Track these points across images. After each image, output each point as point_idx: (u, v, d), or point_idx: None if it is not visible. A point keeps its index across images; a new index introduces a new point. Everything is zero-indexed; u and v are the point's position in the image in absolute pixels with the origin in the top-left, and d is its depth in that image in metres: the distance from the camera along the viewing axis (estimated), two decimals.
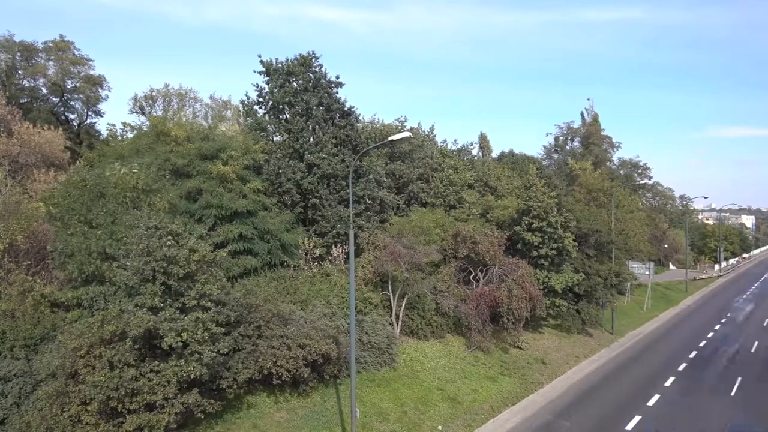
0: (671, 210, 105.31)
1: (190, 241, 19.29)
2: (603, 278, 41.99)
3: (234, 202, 28.21)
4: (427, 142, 50.01)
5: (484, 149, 67.93)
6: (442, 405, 25.58)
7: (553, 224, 37.17)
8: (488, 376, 29.86)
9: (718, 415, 26.55)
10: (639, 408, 27.22)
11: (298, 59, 36.17)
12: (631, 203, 68.80)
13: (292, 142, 34.84)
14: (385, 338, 27.47)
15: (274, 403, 22.46)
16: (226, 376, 20.13)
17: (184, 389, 18.12)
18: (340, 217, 34.11)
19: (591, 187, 61.57)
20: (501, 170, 52.99)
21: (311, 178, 34.04)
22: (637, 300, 56.93)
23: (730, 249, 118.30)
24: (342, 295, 28.91)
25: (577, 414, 26.59)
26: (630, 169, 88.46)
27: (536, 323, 39.19)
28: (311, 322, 23.94)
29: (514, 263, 34.97)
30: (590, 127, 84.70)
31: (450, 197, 45.36)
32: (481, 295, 32.89)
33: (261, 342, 21.69)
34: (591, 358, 36.63)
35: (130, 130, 37.90)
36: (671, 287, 71.23)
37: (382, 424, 22.90)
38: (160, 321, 17.48)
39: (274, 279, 28.98)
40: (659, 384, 31.28)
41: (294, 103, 35.48)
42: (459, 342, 32.88)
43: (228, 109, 47.52)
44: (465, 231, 35.19)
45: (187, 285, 18.70)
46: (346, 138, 36.52)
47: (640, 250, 62.50)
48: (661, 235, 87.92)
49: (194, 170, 29.14)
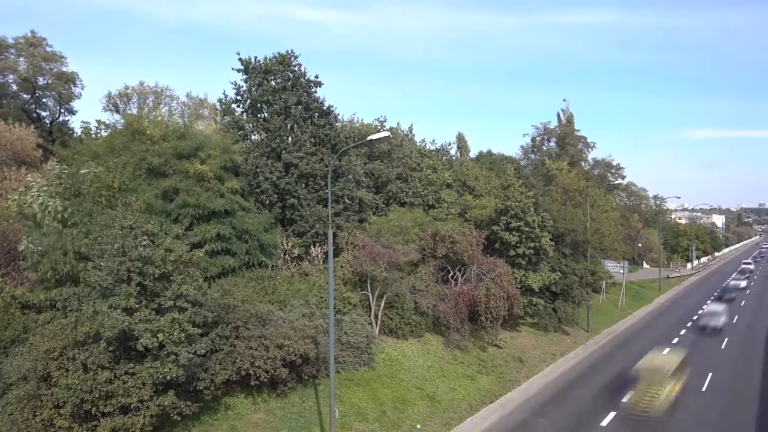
0: (645, 210, 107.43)
1: (167, 241, 19.05)
2: (579, 277, 42.66)
3: (211, 202, 27.91)
4: (406, 142, 50.11)
5: (462, 149, 68.30)
6: (421, 404, 25.69)
7: (530, 224, 37.62)
8: (466, 375, 30.08)
9: (694, 410, 27.15)
10: (614, 405, 27.68)
11: (276, 58, 35.93)
12: (606, 203, 69.95)
13: (270, 141, 34.60)
14: (364, 338, 27.48)
15: (251, 404, 22.29)
16: (203, 378, 19.92)
17: (160, 391, 17.87)
18: (318, 216, 34.00)
19: (567, 187, 62.37)
20: (479, 170, 53.35)
21: (289, 177, 33.85)
22: (612, 298, 57.93)
23: (702, 248, 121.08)
24: (321, 294, 28.83)
25: (554, 411, 26.95)
26: (604, 169, 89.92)
27: (514, 322, 39.60)
28: (290, 322, 23.83)
29: (492, 262, 35.27)
30: (566, 128, 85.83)
31: (428, 197, 45.54)
32: (460, 294, 33.11)
33: (239, 343, 21.52)
34: (567, 356, 37.16)
35: (104, 129, 37.22)
36: (645, 285, 72.64)
37: (361, 424, 22.91)
38: (135, 322, 17.22)
39: (252, 279, 28.76)
40: (633, 381, 31.80)
41: (272, 101, 35.23)
42: (438, 341, 33.05)
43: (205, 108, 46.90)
44: (443, 230, 35.38)
45: (163, 285, 18.45)
46: (324, 137, 36.40)
47: (615, 249, 63.54)
48: (635, 235, 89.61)
49: (171, 169, 28.74)
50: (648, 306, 60.48)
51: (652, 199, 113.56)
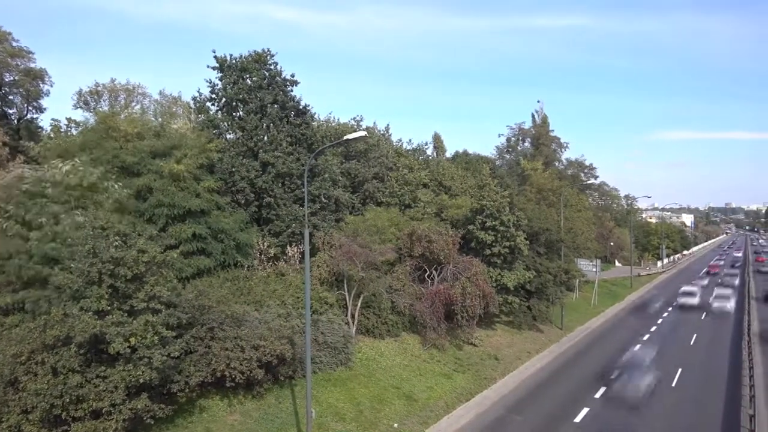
0: (617, 209, 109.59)
1: (139, 242, 18.71)
2: (553, 275, 43.27)
3: (187, 201, 27.53)
4: (383, 142, 50.18)
5: (438, 149, 68.71)
6: (398, 403, 25.77)
7: (505, 223, 38.01)
8: (443, 373, 30.27)
9: (663, 405, 27.81)
10: (587, 401, 28.20)
11: (252, 56, 35.59)
12: (579, 202, 71.23)
13: (246, 140, 34.28)
14: (341, 338, 27.43)
15: (227, 406, 22.06)
16: (178, 380, 19.63)
17: (133, 394, 17.56)
18: (295, 216, 33.81)
19: (541, 187, 63.31)
20: (455, 170, 53.72)
21: (266, 176, 33.58)
22: (585, 296, 58.93)
23: (672, 246, 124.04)
24: (297, 295, 28.69)
25: (529, 408, 27.31)
26: (577, 169, 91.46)
27: (489, 320, 39.98)
28: (266, 322, 23.66)
29: (467, 261, 35.55)
30: (540, 128, 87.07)
31: (405, 196, 45.66)
32: (436, 293, 33.29)
33: (214, 344, 21.27)
34: (542, 354, 37.68)
35: (75, 126, 36.34)
36: (617, 283, 74.07)
37: (338, 424, 22.87)
38: (107, 325, 16.89)
39: (227, 280, 28.48)
40: (606, 376, 32.45)
41: (248, 100, 34.89)
42: (414, 340, 33.18)
43: (179, 106, 46.16)
44: (420, 230, 35.53)
45: (135, 287, 18.13)
46: (301, 136, 36.21)
47: (588, 247, 64.73)
48: (607, 234, 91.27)
49: (144, 168, 28.25)
50: (620, 303, 61.71)
51: (624, 199, 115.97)
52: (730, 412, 26.91)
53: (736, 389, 30.02)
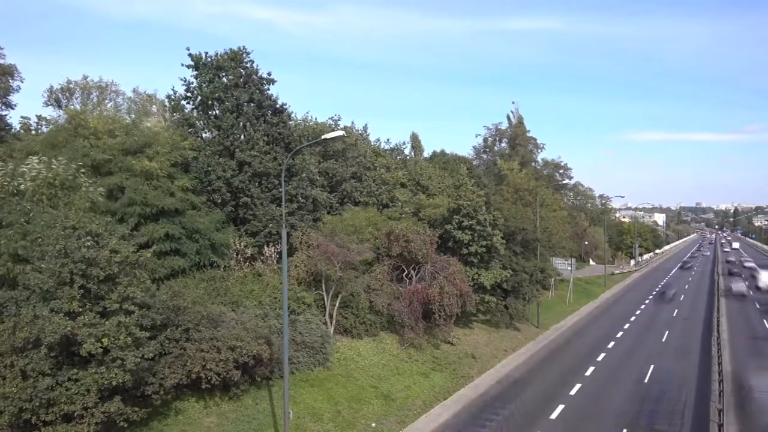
0: (591, 209, 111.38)
1: (112, 242, 18.34)
2: (529, 274, 43.78)
3: (160, 200, 27.05)
4: (360, 141, 50.12)
5: (415, 149, 68.86)
6: (376, 402, 25.77)
7: (482, 223, 38.31)
8: (421, 372, 30.38)
9: (636, 401, 28.37)
10: (562, 397, 28.59)
11: (228, 54, 35.15)
12: (555, 202, 72.23)
13: (222, 139, 33.89)
14: (319, 337, 27.33)
15: (203, 408, 21.78)
16: (152, 382, 19.30)
17: (106, 397, 17.22)
18: (272, 216, 33.54)
19: (518, 187, 63.98)
20: (432, 170, 53.96)
21: (242, 176, 33.25)
22: (560, 294, 59.75)
23: (645, 245, 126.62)
24: (275, 295, 28.48)
25: (506, 406, 27.57)
26: (552, 170, 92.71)
27: (467, 319, 40.26)
28: (242, 323, 23.43)
29: (445, 261, 35.74)
30: (516, 129, 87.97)
31: (383, 196, 45.69)
32: (414, 292, 33.39)
33: (189, 345, 20.99)
34: (518, 352, 38.08)
35: (45, 124, 35.52)
36: (591, 282, 75.27)
37: (316, 425, 22.78)
38: (79, 326, 16.51)
39: (203, 280, 28.11)
40: (580, 374, 33.00)
41: (224, 98, 34.48)
42: (392, 339, 33.23)
43: (153, 104, 45.46)
44: (398, 230, 35.59)
45: (108, 288, 17.77)
46: (278, 135, 35.94)
47: (563, 246, 65.72)
48: (582, 233, 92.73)
49: (116, 166, 27.69)
50: (594, 302, 62.72)
51: (598, 199, 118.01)
52: (700, 402, 27.84)
53: (705, 382, 30.81)
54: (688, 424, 25.34)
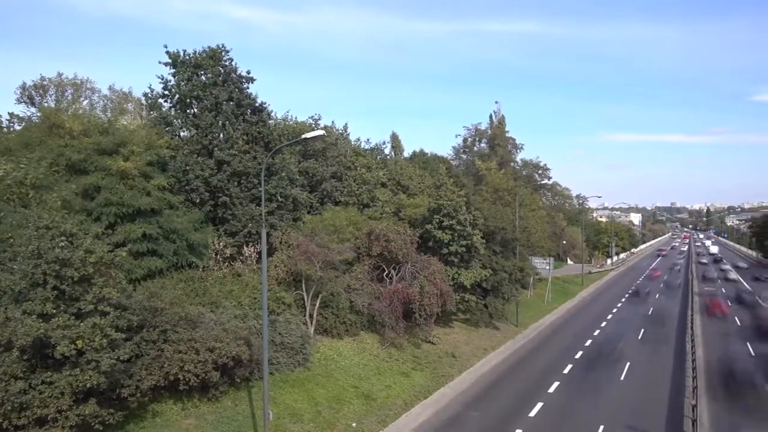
0: (569, 208, 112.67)
1: (87, 242, 17.99)
2: (508, 273, 44.12)
3: (136, 200, 26.62)
4: (341, 141, 50.05)
5: (395, 149, 69.04)
6: (357, 402, 25.74)
7: (462, 222, 38.52)
8: (401, 372, 30.42)
9: (612, 397, 28.81)
10: (541, 395, 28.89)
11: (207, 52, 34.75)
12: (533, 202, 73.01)
13: (201, 138, 33.50)
14: (299, 338, 27.19)
15: (181, 409, 21.52)
16: (128, 384, 18.99)
17: (81, 400, 16.91)
18: (251, 215, 33.27)
19: (497, 187, 64.46)
20: (413, 169, 54.10)
21: (221, 175, 32.92)
22: (539, 293, 60.38)
23: (621, 244, 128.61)
24: (254, 295, 28.27)
25: (485, 404, 27.76)
26: (531, 170, 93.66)
27: (447, 318, 40.44)
28: (221, 324, 23.21)
29: (425, 260, 35.85)
30: (496, 129, 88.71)
31: (363, 196, 45.65)
32: (395, 292, 33.43)
33: (167, 347, 20.70)
34: (498, 350, 38.37)
35: (18, 122, 34.70)
36: (569, 281, 76.20)
37: (296, 425, 22.66)
38: (52, 328, 16.17)
39: (181, 280, 27.76)
40: (559, 371, 33.37)
41: (202, 97, 34.08)
42: (373, 339, 33.22)
43: (129, 102, 44.74)
44: (378, 229, 35.60)
45: (83, 289, 17.43)
46: (258, 135, 35.66)
47: (542, 246, 66.39)
48: (560, 232, 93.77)
49: (92, 166, 27.18)
50: (572, 300, 63.51)
51: (575, 199, 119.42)
52: (673, 399, 28.37)
53: (679, 378, 31.43)
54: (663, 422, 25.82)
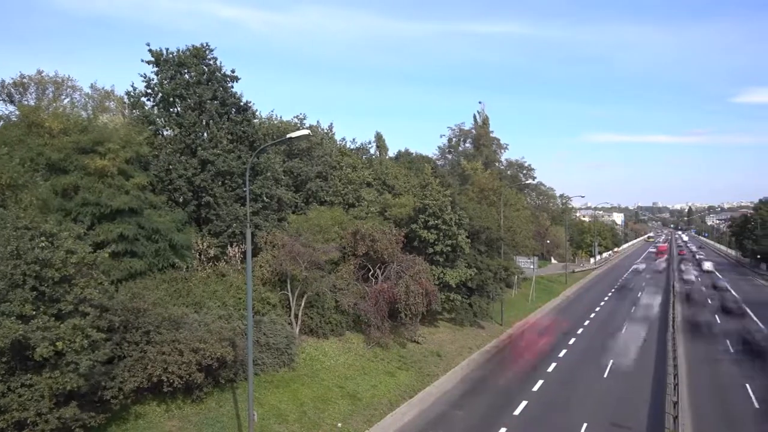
0: (553, 208, 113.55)
1: (68, 242, 17.71)
2: (493, 273, 44.37)
3: (113, 199, 26.16)
4: (326, 140, 49.84)
5: (381, 148, 68.94)
6: (342, 402, 25.69)
7: (447, 222, 38.61)
8: (387, 371, 30.42)
9: (596, 395, 29.10)
10: (525, 393, 29.10)
11: (190, 50, 34.38)
12: (518, 202, 73.46)
13: (184, 137, 33.15)
14: (284, 338, 27.06)
15: (165, 411, 21.28)
16: (111, 386, 18.73)
17: (61, 403, 16.63)
18: (236, 215, 33.02)
19: (482, 187, 64.71)
20: (398, 169, 54.12)
21: (205, 175, 32.61)
22: (524, 292, 60.81)
23: (604, 244, 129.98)
24: (239, 295, 28.06)
25: (470, 403, 27.88)
26: (516, 170, 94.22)
27: (432, 317, 40.53)
28: (205, 324, 23.00)
29: (411, 260, 35.89)
30: (481, 129, 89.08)
31: (348, 195, 45.56)
32: (380, 291, 33.42)
33: (150, 348, 20.46)
34: (483, 349, 38.56)
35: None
36: (553, 280, 76.86)
37: (281, 426, 22.55)
38: (32, 330, 15.88)
39: (164, 281, 27.43)
40: (543, 370, 33.63)
41: (186, 95, 33.72)
42: (358, 339, 33.18)
43: (111, 100, 44.10)
44: (364, 229, 35.55)
45: (64, 290, 17.16)
46: (242, 134, 35.39)
47: (526, 245, 66.75)
48: (544, 232, 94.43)
49: (71, 165, 26.71)
50: (556, 299, 64.06)
51: (559, 198, 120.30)
52: (656, 395, 28.73)
53: (661, 377, 31.85)
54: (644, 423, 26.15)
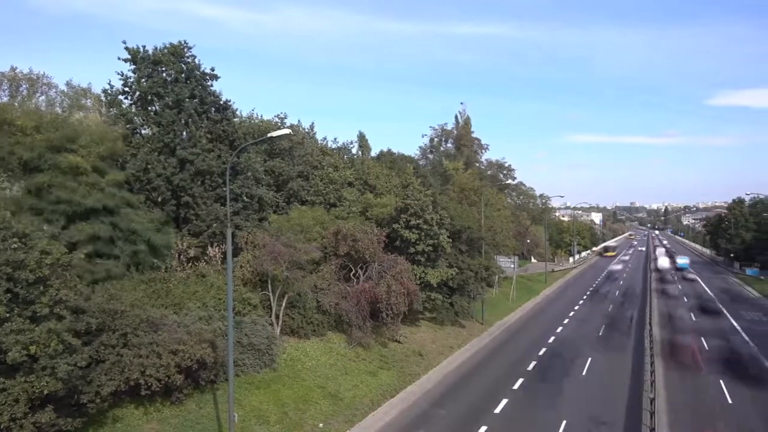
0: (533, 208, 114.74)
1: (42, 243, 17.33)
2: (474, 272, 44.60)
3: (87, 197, 25.58)
4: (307, 140, 49.66)
5: (363, 148, 68.89)
6: (324, 403, 25.60)
7: (429, 222, 38.74)
8: (368, 371, 30.40)
9: (574, 392, 29.45)
10: (505, 392, 29.32)
11: (168, 48, 33.97)
12: (499, 202, 73.98)
13: (162, 136, 32.73)
14: (265, 339, 26.86)
15: (143, 414, 20.97)
16: (87, 390, 18.38)
17: (37, 407, 16.28)
18: (216, 215, 32.70)
19: (463, 187, 65.09)
20: (380, 169, 54.10)
21: (183, 174, 32.22)
22: (504, 291, 61.28)
23: (583, 243, 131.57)
24: (219, 296, 27.78)
25: (451, 402, 28.00)
26: (497, 170, 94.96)
27: (414, 317, 40.61)
28: (185, 326, 22.71)
29: (392, 260, 35.91)
30: (462, 130, 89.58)
31: (330, 195, 45.43)
32: (362, 291, 33.38)
33: (127, 351, 20.11)
34: (463, 348, 38.76)
35: None
36: (533, 279, 77.61)
37: (262, 427, 22.38)
38: (5, 333, 15.52)
39: (143, 282, 27.03)
40: (523, 369, 33.92)
41: (164, 94, 33.30)
42: (340, 339, 33.09)
43: (88, 98, 43.32)
44: (345, 229, 35.48)
45: (38, 291, 16.79)
46: (222, 133, 35.07)
47: (506, 245, 67.34)
48: (524, 231, 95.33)
49: (45, 164, 26.03)
50: (536, 298, 64.70)
51: (539, 198, 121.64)
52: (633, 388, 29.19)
53: (639, 375, 32.34)
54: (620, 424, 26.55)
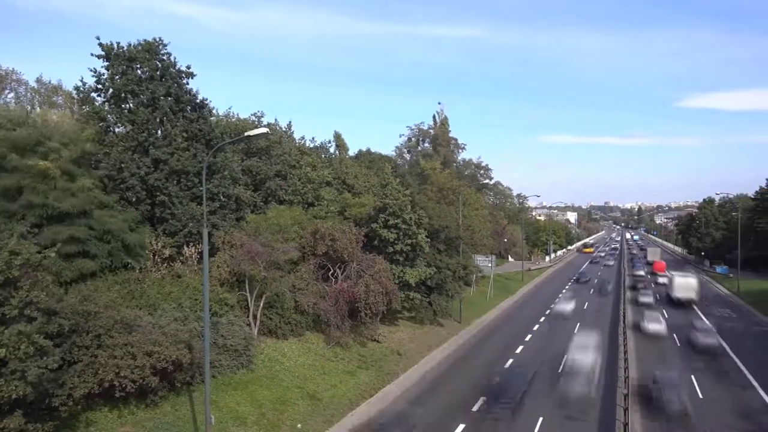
0: (510, 207, 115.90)
1: (11, 243, 16.89)
2: (452, 271, 44.88)
3: (62, 201, 24.96)
4: (285, 139, 49.31)
5: (340, 147, 68.68)
6: (302, 403, 25.48)
7: (407, 221, 38.83)
8: (347, 371, 30.35)
9: (551, 390, 29.79)
10: (484, 390, 29.47)
11: (142, 45, 33.35)
12: (476, 201, 74.54)
13: (136, 135, 32.11)
14: (242, 339, 26.62)
15: (117, 417, 20.61)
16: (59, 393, 17.98)
17: (6, 412, 15.86)
18: (192, 215, 32.24)
19: (441, 186, 65.38)
20: (358, 168, 54.04)
21: (158, 174, 31.69)
22: (482, 290, 61.78)
23: (559, 242, 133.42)
24: (195, 297, 27.43)
25: (430, 400, 28.11)
26: (474, 170, 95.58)
27: (392, 316, 40.68)
28: (160, 327, 22.39)
29: (371, 259, 35.92)
30: (439, 129, 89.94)
31: (308, 195, 45.23)
32: (340, 291, 33.31)
33: (101, 352, 19.76)
34: (442, 347, 38.95)
35: None
36: (510, 277, 78.39)
37: (239, 429, 22.18)
38: None
39: (116, 283, 26.56)
40: (500, 366, 34.24)
41: (138, 91, 32.68)
42: (318, 339, 32.97)
43: (59, 95, 42.34)
44: (323, 228, 35.36)
45: (8, 293, 16.36)
46: (198, 132, 34.56)
47: (484, 244, 67.88)
48: (501, 230, 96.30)
49: (10, 165, 25.11)
50: (513, 297, 65.39)
51: (516, 198, 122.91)
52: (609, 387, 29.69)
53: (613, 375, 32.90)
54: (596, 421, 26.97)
